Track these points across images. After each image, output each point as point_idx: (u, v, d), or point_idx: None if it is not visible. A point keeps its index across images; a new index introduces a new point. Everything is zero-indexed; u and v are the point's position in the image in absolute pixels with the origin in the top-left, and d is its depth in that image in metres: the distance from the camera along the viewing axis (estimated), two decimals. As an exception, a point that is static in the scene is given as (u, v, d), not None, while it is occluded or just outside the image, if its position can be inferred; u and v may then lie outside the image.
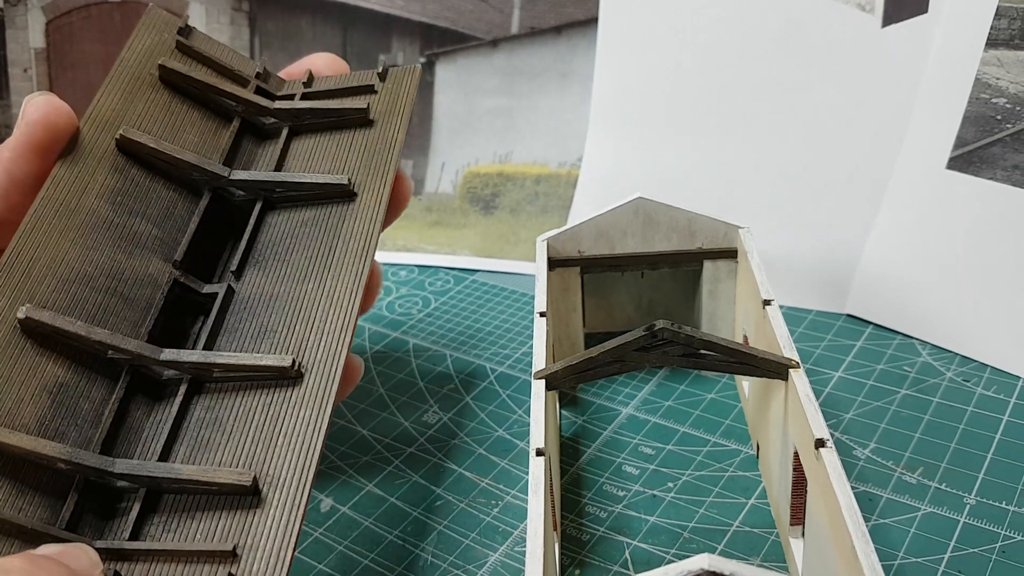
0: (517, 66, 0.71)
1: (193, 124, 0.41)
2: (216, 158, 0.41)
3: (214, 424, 0.34)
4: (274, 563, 0.29)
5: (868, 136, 0.57)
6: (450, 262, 0.70)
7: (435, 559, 0.41)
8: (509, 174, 0.72)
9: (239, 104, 0.43)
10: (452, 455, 0.48)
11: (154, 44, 0.42)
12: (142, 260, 0.37)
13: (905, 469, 0.44)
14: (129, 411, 0.34)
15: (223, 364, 0.34)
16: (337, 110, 0.42)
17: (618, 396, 0.52)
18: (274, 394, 0.34)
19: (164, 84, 0.41)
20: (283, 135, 0.43)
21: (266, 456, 0.32)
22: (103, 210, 0.37)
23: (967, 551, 0.39)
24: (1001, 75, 0.51)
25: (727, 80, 0.61)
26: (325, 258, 0.38)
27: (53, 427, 0.32)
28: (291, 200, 0.41)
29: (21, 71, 0.73)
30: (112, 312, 0.35)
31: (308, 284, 0.37)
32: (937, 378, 0.50)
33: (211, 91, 0.42)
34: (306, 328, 0.35)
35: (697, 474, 0.45)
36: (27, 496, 0.30)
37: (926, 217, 0.54)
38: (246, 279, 0.39)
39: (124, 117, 0.39)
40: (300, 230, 0.39)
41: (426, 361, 0.57)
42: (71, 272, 0.35)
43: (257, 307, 0.37)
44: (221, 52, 0.44)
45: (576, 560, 0.40)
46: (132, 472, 0.31)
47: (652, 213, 0.49)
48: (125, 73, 0.40)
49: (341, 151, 0.41)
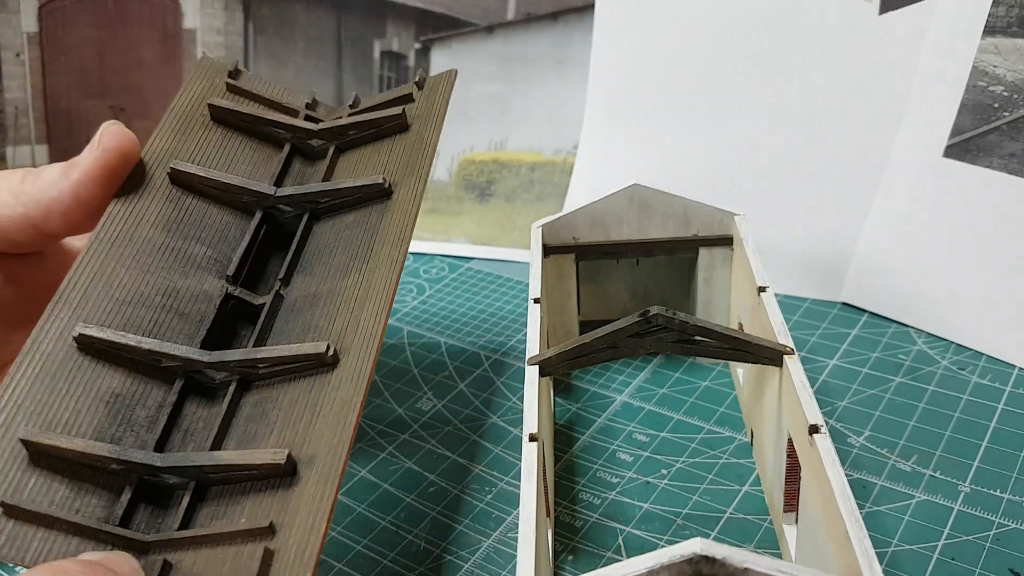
0: (513, 52, 0.71)
1: (245, 155, 0.43)
2: (267, 181, 0.42)
3: (260, 418, 0.35)
4: (309, 535, 0.30)
5: (864, 124, 0.56)
6: (445, 249, 0.70)
7: (428, 545, 0.41)
8: (504, 161, 0.72)
9: (287, 131, 0.44)
10: (446, 442, 0.48)
11: (205, 89, 0.44)
12: (197, 279, 0.39)
13: (899, 457, 0.44)
14: (183, 415, 0.36)
15: (264, 358, 0.35)
16: (376, 120, 0.43)
17: (612, 384, 0.52)
18: (314, 380, 0.35)
19: (215, 122, 0.43)
20: (330, 153, 0.44)
21: (305, 438, 0.33)
22: (158, 238, 0.38)
23: (961, 538, 0.39)
24: (998, 63, 0.51)
25: (723, 67, 0.61)
26: (365, 254, 0.39)
27: (109, 434, 0.34)
28: (335, 208, 0.42)
29: (13, 55, 0.72)
30: (167, 327, 0.37)
31: (349, 279, 0.38)
32: (932, 366, 0.50)
33: (259, 122, 0.44)
34: (346, 318, 0.37)
35: (691, 461, 0.45)
36: (84, 497, 0.32)
37: (922, 205, 0.54)
38: (294, 285, 0.40)
39: (177, 154, 0.41)
40: (343, 233, 0.41)
41: (420, 348, 0.57)
42: (127, 293, 0.36)
43: (303, 308, 0.39)
44: (271, 89, 0.46)
45: (569, 546, 0.40)
46: (178, 464, 0.33)
47: (648, 200, 0.49)
48: (177, 116, 0.42)
49: (381, 157, 0.43)
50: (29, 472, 0.32)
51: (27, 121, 0.74)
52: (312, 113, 0.46)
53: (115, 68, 0.75)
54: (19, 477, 0.31)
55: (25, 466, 0.32)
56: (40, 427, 0.32)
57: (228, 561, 0.31)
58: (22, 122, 0.74)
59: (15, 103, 0.73)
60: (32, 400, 0.33)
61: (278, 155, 0.44)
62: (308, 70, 0.46)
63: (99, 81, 0.75)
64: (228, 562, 0.31)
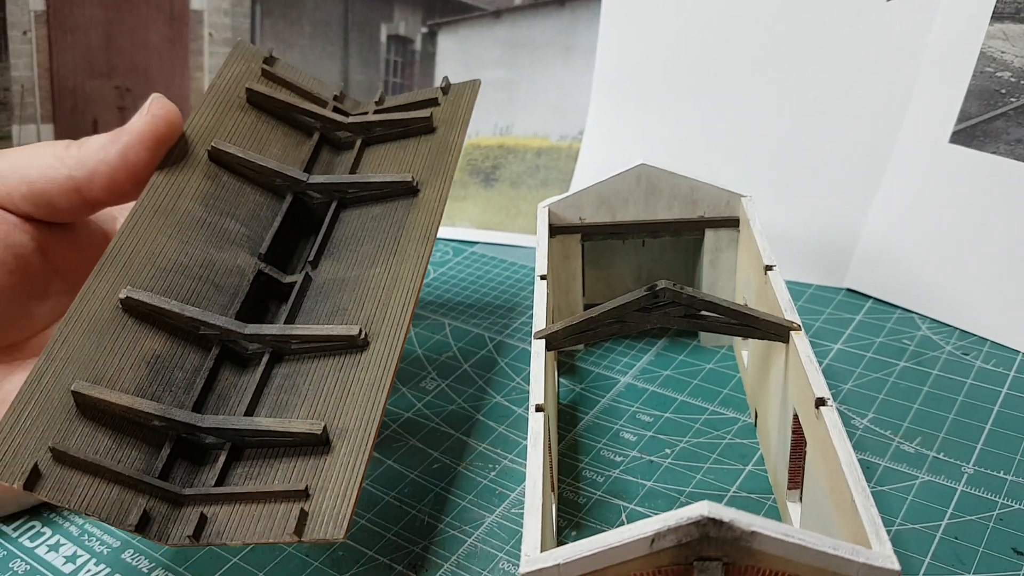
0: (519, 38, 0.71)
1: (277, 139, 0.46)
2: (297, 167, 0.45)
3: (292, 390, 0.37)
4: (341, 500, 0.33)
5: (871, 109, 0.56)
6: (450, 234, 0.70)
7: (432, 520, 0.41)
8: (510, 146, 0.72)
9: (318, 121, 0.46)
10: (450, 420, 0.48)
11: (242, 72, 0.46)
12: (231, 254, 0.41)
13: (903, 439, 0.44)
14: (218, 379, 0.38)
15: (299, 335, 0.38)
16: (404, 120, 0.45)
17: (617, 365, 0.52)
18: (344, 360, 0.37)
19: (251, 105, 0.46)
20: (357, 145, 0.46)
21: (336, 412, 0.36)
22: (196, 211, 0.41)
23: (964, 518, 0.39)
24: (1006, 48, 0.51)
25: (730, 54, 0.61)
26: (392, 246, 0.41)
27: (150, 392, 0.36)
28: (362, 199, 0.44)
29: (20, 33, 0.72)
30: (204, 296, 0.39)
31: (376, 268, 0.40)
32: (936, 351, 0.50)
33: (293, 110, 0.46)
34: (374, 305, 0.39)
35: (695, 441, 0.45)
36: (126, 449, 0.34)
37: (928, 191, 0.54)
38: (322, 268, 0.42)
39: (216, 132, 0.43)
40: (370, 224, 0.43)
41: (424, 329, 0.57)
42: (168, 262, 0.39)
43: (331, 291, 0.41)
44: (302, 79, 0.48)
45: (573, 522, 0.40)
46: (219, 426, 0.35)
47: (655, 180, 0.49)
48: (216, 96, 0.45)
49: (407, 155, 0.45)
50: (77, 422, 0.34)
51: (33, 100, 0.74)
52: (339, 105, 0.48)
53: (121, 48, 0.75)
54: (68, 426, 0.33)
55: (74, 416, 0.34)
56: (88, 381, 0.34)
57: (263, 519, 0.33)
58: (28, 100, 0.74)
59: (21, 81, 0.73)
60: (80, 354, 0.35)
61: (308, 142, 0.46)
62: (315, 53, 0.46)
63: (105, 61, 0.75)
64: (263, 520, 0.33)
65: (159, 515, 0.34)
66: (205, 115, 0.44)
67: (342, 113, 0.48)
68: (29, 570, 0.40)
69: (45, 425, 0.33)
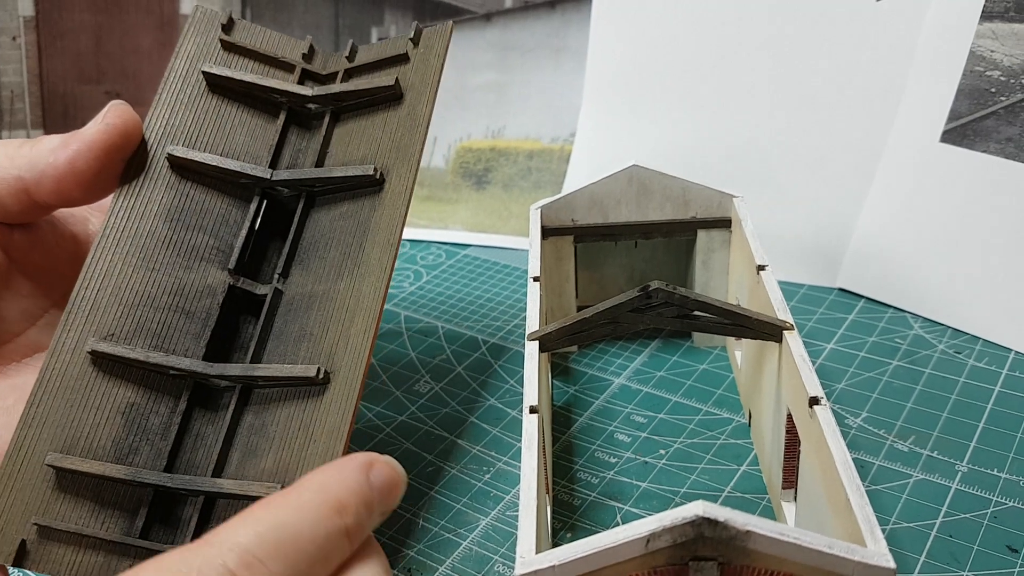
0: (510, 40, 0.71)
1: (243, 124, 0.43)
2: (266, 154, 0.42)
3: (261, 431, 0.37)
4: None
5: (862, 109, 0.56)
6: (442, 237, 0.70)
7: (427, 523, 0.41)
8: (502, 149, 0.72)
9: (283, 96, 0.43)
10: (444, 423, 0.48)
11: (200, 46, 0.43)
12: (200, 273, 0.40)
13: (897, 437, 0.44)
14: (193, 419, 0.37)
15: (262, 376, 0.37)
16: (370, 90, 0.42)
17: (610, 367, 0.52)
18: (307, 400, 0.36)
19: (211, 88, 0.42)
20: (326, 121, 0.43)
21: (299, 463, 0.35)
22: (161, 230, 0.39)
23: (959, 516, 0.39)
24: (996, 48, 0.51)
25: (721, 54, 0.61)
26: (356, 254, 0.39)
27: (127, 444, 0.36)
28: (330, 192, 0.42)
29: (10, 39, 0.72)
30: (174, 328, 0.38)
31: (341, 283, 0.38)
32: (929, 350, 0.51)
33: (255, 89, 0.43)
34: (337, 331, 0.37)
35: (689, 442, 0.45)
36: (107, 510, 0.35)
37: (919, 190, 0.54)
38: (292, 279, 0.40)
39: (176, 130, 0.41)
40: (337, 223, 0.41)
41: (417, 333, 0.57)
42: (135, 296, 0.38)
43: (299, 309, 0.39)
44: (267, 40, 0.45)
45: (568, 524, 0.40)
46: (187, 487, 0.35)
47: (646, 181, 0.49)
48: (174, 83, 0.42)
49: (376, 131, 0.42)
50: (57, 492, 0.34)
51: (23, 106, 0.74)
52: (308, 67, 0.45)
53: (112, 53, 0.75)
54: (49, 497, 0.34)
55: (53, 486, 0.34)
56: (64, 443, 0.35)
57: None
58: (18, 107, 0.74)
59: (11, 87, 0.73)
60: (55, 416, 0.35)
61: (275, 124, 0.43)
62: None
63: (95, 66, 0.75)
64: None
65: None
66: (162, 112, 0.41)
67: (312, 77, 0.45)
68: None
69: (28, 500, 0.34)
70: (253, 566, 0.26)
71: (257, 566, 0.26)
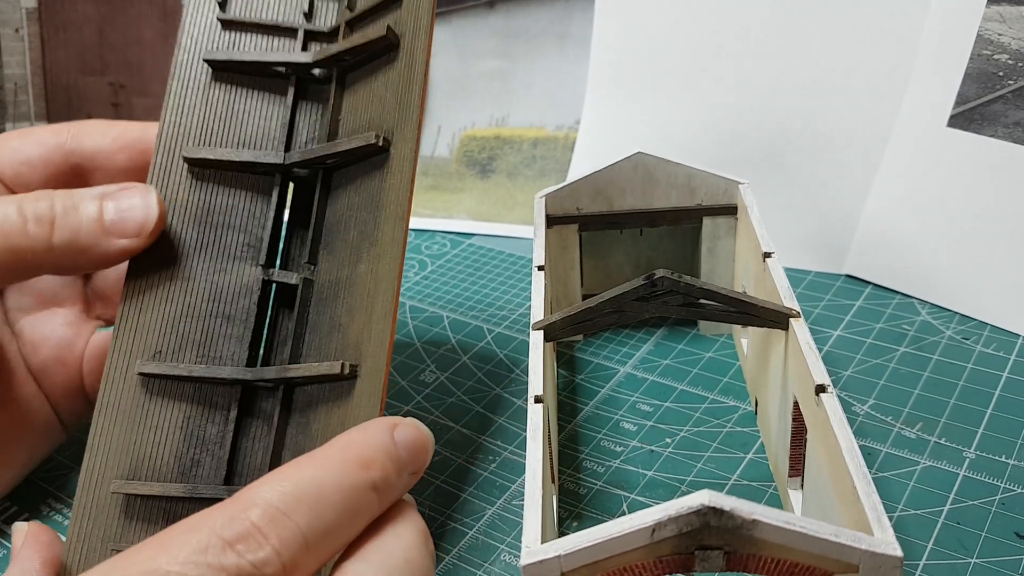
0: (514, 28, 0.71)
1: (254, 108, 0.42)
2: (280, 136, 0.42)
3: (305, 428, 0.37)
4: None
5: (868, 94, 0.56)
6: (446, 226, 0.70)
7: (432, 512, 0.41)
8: (506, 137, 0.71)
9: (287, 68, 0.43)
10: (449, 413, 0.48)
11: (200, 32, 0.43)
12: (234, 273, 0.40)
13: (904, 424, 0.44)
14: (246, 424, 0.38)
15: (295, 377, 0.37)
16: (365, 44, 0.41)
17: (616, 355, 0.51)
18: (340, 395, 0.37)
19: (217, 75, 0.42)
20: (332, 87, 0.42)
21: None
22: (192, 236, 0.40)
23: (966, 503, 0.39)
24: (1003, 31, 0.51)
25: (727, 39, 0.61)
26: (372, 232, 0.38)
27: (189, 458, 0.37)
28: (343, 166, 0.41)
29: (12, 31, 0.72)
30: (217, 334, 0.39)
31: (360, 267, 0.38)
32: (936, 336, 0.50)
33: (259, 67, 0.43)
34: (362, 319, 0.37)
35: (695, 430, 0.45)
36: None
37: (926, 176, 0.53)
38: (320, 265, 0.40)
39: (189, 129, 0.41)
40: (354, 199, 0.40)
41: (423, 322, 0.57)
42: (175, 308, 0.39)
43: (329, 298, 0.39)
44: (265, 8, 0.44)
45: (574, 513, 0.40)
46: None
47: (652, 169, 0.48)
48: (181, 77, 0.42)
49: (379, 88, 0.41)
50: (129, 514, 0.36)
51: (27, 97, 0.74)
52: (311, 26, 0.44)
53: (115, 44, 0.75)
54: (122, 522, 0.36)
55: (124, 511, 0.36)
56: (130, 466, 0.36)
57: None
58: (21, 98, 0.73)
59: (14, 79, 0.73)
60: (117, 441, 0.37)
61: (284, 99, 0.43)
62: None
63: (99, 58, 0.75)
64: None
65: None
66: (174, 111, 0.41)
67: (315, 36, 0.44)
68: (29, 569, 0.40)
69: (104, 527, 0.35)
70: (278, 519, 0.26)
71: (282, 519, 0.26)
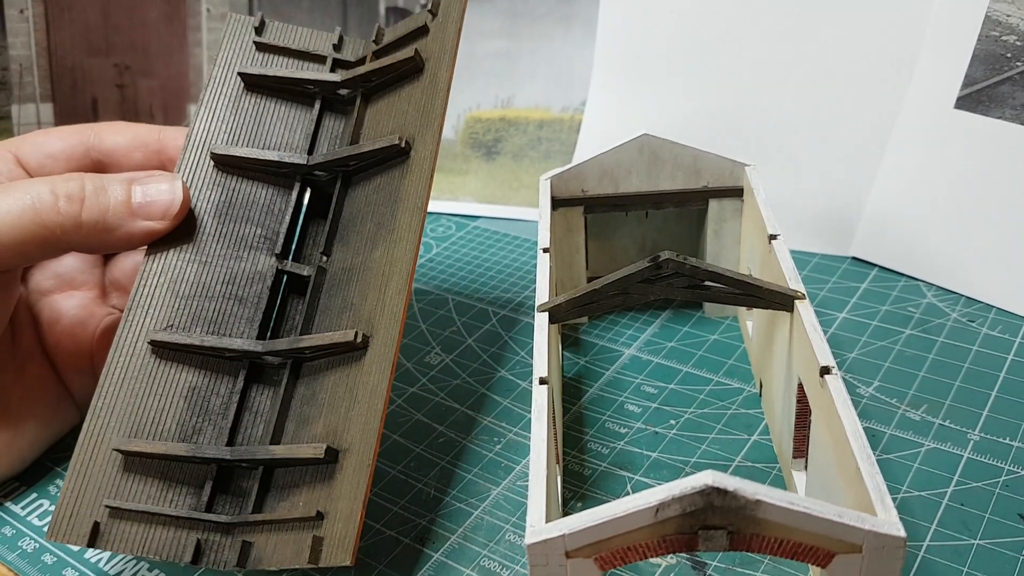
0: (519, 8, 0.70)
1: (281, 119, 0.45)
2: (304, 144, 0.44)
3: (312, 400, 0.38)
4: (348, 524, 0.34)
5: (875, 76, 0.56)
6: (452, 208, 0.70)
7: (438, 493, 0.41)
8: (511, 119, 0.71)
9: (315, 86, 0.45)
10: (454, 395, 0.48)
11: (236, 52, 0.46)
12: (250, 261, 0.42)
13: (909, 406, 0.44)
14: (250, 397, 0.39)
15: (307, 347, 0.38)
16: (393, 65, 0.43)
17: (621, 338, 0.51)
18: (351, 364, 0.38)
19: (248, 88, 0.45)
20: (357, 103, 0.45)
21: (345, 424, 0.36)
22: (212, 225, 0.42)
23: (970, 485, 0.39)
24: (1012, 12, 0.50)
25: (732, 21, 0.61)
26: (389, 222, 0.40)
27: (191, 425, 0.38)
28: (364, 169, 0.43)
29: (17, 12, 0.72)
30: (229, 314, 0.40)
31: (376, 252, 0.40)
32: (942, 318, 0.50)
33: (289, 83, 0.45)
34: (375, 297, 0.38)
35: (699, 412, 0.45)
36: (174, 487, 0.37)
37: (933, 158, 0.53)
38: (334, 256, 0.42)
39: (219, 132, 0.44)
40: (372, 197, 0.42)
41: (428, 304, 0.57)
42: (190, 288, 0.40)
43: (341, 283, 0.41)
44: (298, 36, 0.47)
45: (578, 494, 0.41)
46: (243, 457, 0.37)
47: (657, 151, 0.48)
48: (214, 89, 0.44)
49: (402, 104, 0.43)
50: (126, 473, 0.36)
51: (32, 79, 0.74)
52: (339, 56, 0.47)
53: (120, 26, 0.74)
54: (119, 479, 0.36)
55: (122, 468, 0.36)
56: (131, 429, 0.37)
57: (291, 543, 0.35)
58: (27, 80, 0.73)
59: (19, 60, 0.73)
60: (121, 405, 0.37)
61: (310, 113, 0.45)
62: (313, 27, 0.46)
63: (104, 39, 0.74)
64: (291, 544, 0.35)
65: (210, 546, 0.36)
66: (206, 117, 0.44)
67: (342, 64, 0.47)
68: (38, 548, 0.40)
69: (99, 484, 0.36)
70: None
71: None
